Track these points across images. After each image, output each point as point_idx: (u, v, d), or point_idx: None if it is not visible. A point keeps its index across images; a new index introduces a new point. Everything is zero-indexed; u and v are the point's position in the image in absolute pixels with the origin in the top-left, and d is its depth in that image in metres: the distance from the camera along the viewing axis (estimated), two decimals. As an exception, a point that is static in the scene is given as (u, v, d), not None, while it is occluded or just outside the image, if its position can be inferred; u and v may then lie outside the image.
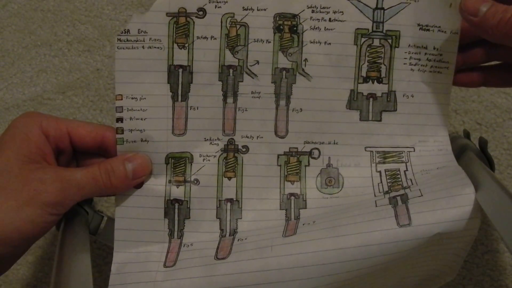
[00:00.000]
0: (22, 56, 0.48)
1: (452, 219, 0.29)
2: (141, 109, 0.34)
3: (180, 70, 0.34)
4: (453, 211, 0.30)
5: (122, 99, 0.33)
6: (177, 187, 0.35)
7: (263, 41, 0.34)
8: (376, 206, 0.32)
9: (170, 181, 0.35)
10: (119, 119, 0.34)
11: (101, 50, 0.47)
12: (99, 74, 0.47)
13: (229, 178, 0.35)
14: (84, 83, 0.47)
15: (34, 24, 0.48)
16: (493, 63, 0.36)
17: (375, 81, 0.35)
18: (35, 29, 0.48)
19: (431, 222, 0.30)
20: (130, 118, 0.33)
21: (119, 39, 0.33)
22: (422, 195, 0.31)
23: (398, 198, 0.32)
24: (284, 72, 0.34)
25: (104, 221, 0.36)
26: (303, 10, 0.34)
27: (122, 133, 0.34)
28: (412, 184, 0.33)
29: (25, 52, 0.48)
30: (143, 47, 0.33)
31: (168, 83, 0.34)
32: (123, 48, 0.33)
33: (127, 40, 0.33)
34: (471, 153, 0.35)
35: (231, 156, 0.35)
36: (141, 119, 0.34)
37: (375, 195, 0.34)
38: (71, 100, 0.47)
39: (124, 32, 0.33)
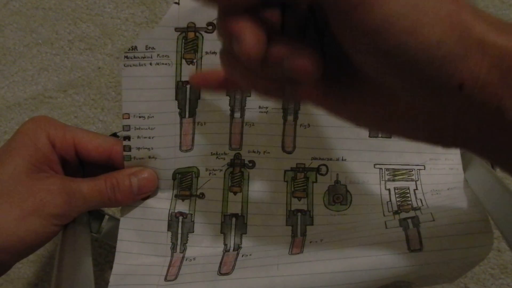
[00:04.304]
0: (23, 54, 0.47)
1: (464, 246, 0.29)
2: (149, 128, 0.32)
3: (188, 86, 0.33)
4: (466, 237, 0.29)
5: (129, 118, 0.32)
6: (183, 201, 0.34)
7: None
8: (386, 227, 0.31)
9: (176, 195, 0.34)
10: (126, 137, 0.33)
11: (102, 48, 0.47)
12: (100, 73, 0.47)
13: (235, 193, 0.34)
14: (85, 81, 0.47)
15: (35, 22, 0.47)
16: None
17: None
18: (37, 28, 0.47)
19: (443, 248, 0.29)
20: (138, 137, 0.32)
21: (126, 57, 0.31)
22: (434, 220, 0.30)
23: (409, 221, 0.31)
24: None
25: (105, 219, 0.36)
26: None
27: (130, 150, 0.33)
28: (423, 205, 0.32)
29: (26, 51, 0.47)
30: (150, 63, 0.32)
31: (176, 99, 0.33)
32: (130, 66, 0.32)
33: (134, 57, 0.32)
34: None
35: (237, 170, 0.34)
36: (149, 137, 0.33)
37: (384, 215, 0.33)
38: (72, 98, 0.47)
39: (131, 49, 0.32)
